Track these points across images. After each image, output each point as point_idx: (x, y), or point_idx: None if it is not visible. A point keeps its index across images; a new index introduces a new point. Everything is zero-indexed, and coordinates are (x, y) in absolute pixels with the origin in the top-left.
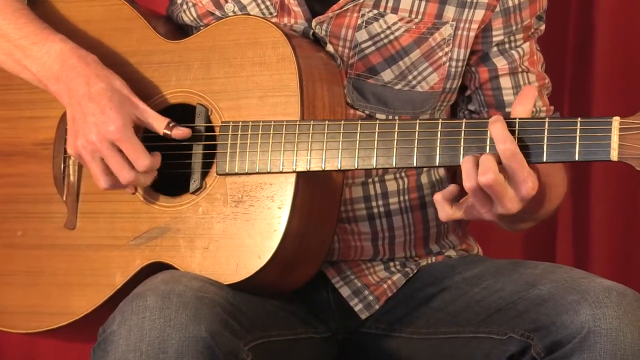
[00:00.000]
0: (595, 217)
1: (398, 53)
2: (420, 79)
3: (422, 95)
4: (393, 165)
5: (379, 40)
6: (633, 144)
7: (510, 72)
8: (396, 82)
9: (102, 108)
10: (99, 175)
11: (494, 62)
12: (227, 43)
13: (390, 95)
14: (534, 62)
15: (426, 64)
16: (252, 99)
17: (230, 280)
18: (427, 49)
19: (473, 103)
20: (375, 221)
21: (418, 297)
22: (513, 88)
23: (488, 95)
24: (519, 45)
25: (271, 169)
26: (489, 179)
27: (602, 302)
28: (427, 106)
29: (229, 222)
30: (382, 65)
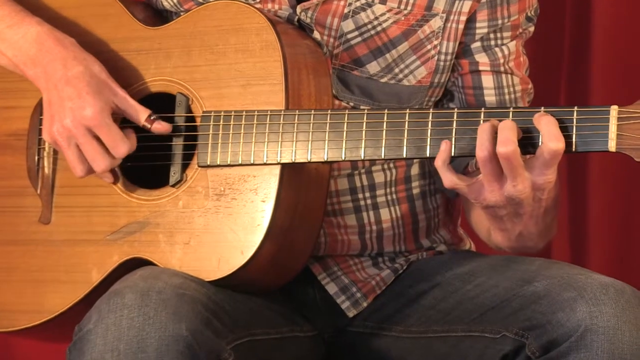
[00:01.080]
0: (593, 211)
1: (385, 45)
2: (407, 72)
3: (409, 89)
4: (382, 156)
5: (365, 31)
6: (632, 134)
7: (493, 70)
8: (382, 75)
9: (79, 92)
10: (74, 163)
11: (475, 58)
12: (209, 29)
13: (376, 88)
14: (519, 64)
15: (414, 57)
16: (234, 87)
17: (212, 277)
18: (415, 41)
19: (454, 101)
20: (362, 214)
21: (408, 294)
22: (495, 89)
23: (469, 94)
24: (504, 44)
25: (254, 160)
26: (509, 150)
27: (600, 299)
28: (414, 101)
29: (210, 216)
30: (368, 57)
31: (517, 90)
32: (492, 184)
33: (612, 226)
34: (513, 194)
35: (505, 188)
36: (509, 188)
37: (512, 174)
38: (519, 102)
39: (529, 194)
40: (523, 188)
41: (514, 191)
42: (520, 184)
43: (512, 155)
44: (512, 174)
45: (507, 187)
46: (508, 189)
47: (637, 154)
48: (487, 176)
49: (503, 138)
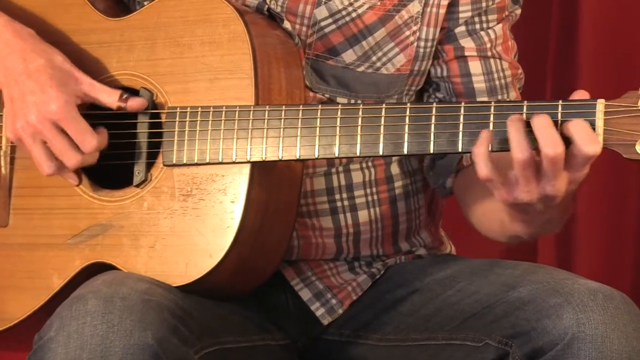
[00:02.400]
0: (580, 211)
1: (361, 32)
2: (385, 60)
3: (388, 78)
4: (357, 154)
5: (340, 18)
6: (620, 129)
7: (480, 55)
8: (359, 63)
9: (41, 86)
10: (41, 160)
11: (460, 43)
12: (174, 20)
13: (352, 78)
14: (507, 48)
15: (392, 44)
16: (201, 81)
17: (179, 282)
18: (393, 27)
19: (441, 90)
20: (339, 216)
21: (386, 301)
22: (484, 74)
23: (457, 83)
24: (490, 27)
25: (223, 159)
26: (559, 153)
27: (587, 305)
28: (393, 90)
29: (177, 217)
30: (344, 46)
31: (507, 76)
32: (530, 184)
33: (600, 227)
34: (551, 192)
35: (542, 187)
36: (548, 188)
37: (554, 174)
38: (510, 88)
39: (565, 189)
40: (561, 187)
41: (553, 190)
42: (559, 182)
43: (561, 157)
44: (553, 175)
45: (545, 186)
46: (546, 188)
47: (626, 149)
48: (525, 178)
49: (551, 140)
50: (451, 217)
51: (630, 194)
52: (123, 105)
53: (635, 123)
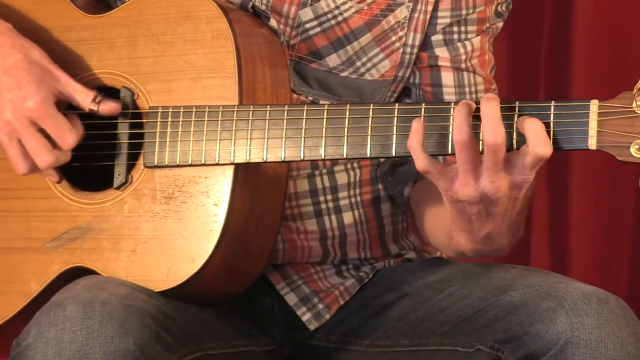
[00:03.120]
0: (574, 214)
1: (346, 36)
2: (369, 65)
3: (372, 84)
4: (344, 155)
5: (325, 20)
6: (614, 131)
7: (454, 67)
8: (342, 68)
9: (18, 82)
10: (16, 159)
11: (435, 52)
12: (155, 17)
13: (335, 82)
14: (484, 62)
15: (377, 49)
16: (183, 80)
17: (160, 287)
18: (379, 32)
19: (411, 97)
20: (324, 218)
21: (374, 305)
22: (455, 87)
23: (427, 92)
24: (468, 38)
25: (206, 160)
26: (499, 142)
27: (581, 309)
28: (377, 97)
29: (158, 221)
30: (328, 49)
31: (480, 90)
32: (468, 175)
33: (595, 230)
34: (489, 190)
35: (482, 183)
36: (486, 183)
37: (494, 168)
38: None
39: (506, 192)
40: (501, 185)
41: (491, 187)
42: (500, 180)
43: (501, 146)
44: (493, 168)
45: (484, 182)
46: (485, 184)
47: (620, 152)
48: (464, 166)
49: (493, 126)
50: None
51: (625, 196)
52: (95, 109)
53: (629, 124)
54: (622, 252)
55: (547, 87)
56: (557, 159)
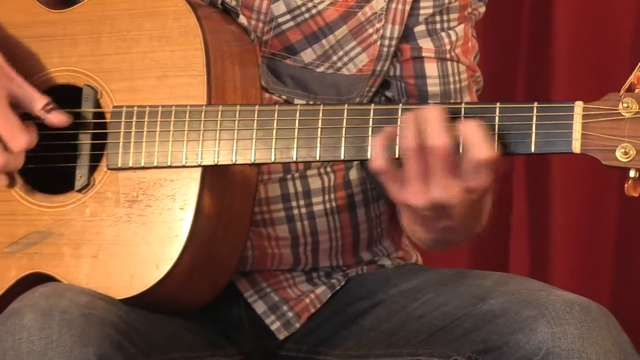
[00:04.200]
0: (555, 219)
1: (321, 30)
2: (346, 60)
3: (349, 79)
4: (317, 158)
5: (299, 14)
6: (599, 134)
7: (438, 57)
8: (318, 63)
9: None
10: None
11: (418, 43)
12: (120, 13)
13: (311, 79)
14: (467, 50)
15: (354, 42)
16: (149, 79)
17: (123, 295)
18: (355, 25)
19: (391, 89)
20: (296, 224)
21: (347, 314)
22: (440, 78)
23: (410, 84)
24: (451, 27)
25: (172, 162)
26: (441, 144)
27: (563, 318)
28: (355, 92)
29: (121, 225)
30: (302, 44)
31: (463, 79)
32: (417, 183)
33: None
34: (441, 198)
35: (433, 191)
36: (436, 192)
37: (442, 174)
38: (464, 92)
39: (460, 198)
40: (453, 192)
41: (443, 195)
42: (450, 187)
43: (445, 151)
44: (442, 175)
45: (434, 190)
46: (435, 193)
47: (605, 155)
48: (412, 173)
49: (433, 130)
50: None
51: (608, 200)
52: (43, 117)
53: (615, 127)
54: (605, 259)
55: (526, 85)
56: (538, 161)
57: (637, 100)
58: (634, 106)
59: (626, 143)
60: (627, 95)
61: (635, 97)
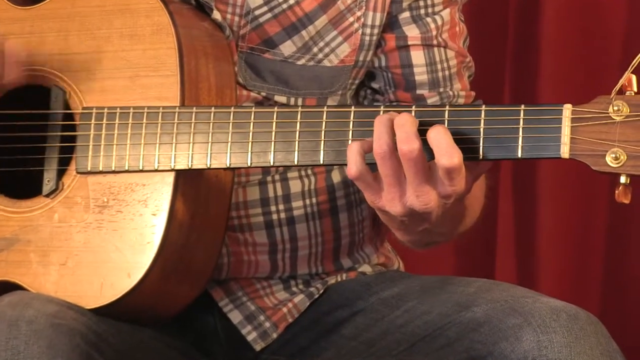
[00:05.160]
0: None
1: (300, 21)
2: (327, 51)
3: (331, 70)
4: (295, 162)
5: (276, 5)
6: (588, 138)
7: (424, 44)
8: (299, 56)
9: None
10: None
11: (403, 31)
12: (90, 10)
13: (292, 72)
14: (455, 34)
15: (335, 32)
16: (120, 79)
17: (93, 304)
18: (335, 13)
19: (377, 80)
20: (275, 230)
21: (326, 323)
22: (427, 65)
23: (396, 74)
24: (437, 12)
25: (144, 166)
26: (413, 149)
27: (549, 326)
28: (337, 85)
29: (91, 232)
30: (281, 36)
31: (452, 66)
32: (392, 189)
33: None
34: (417, 206)
35: (407, 198)
36: (412, 199)
37: (415, 180)
38: (454, 79)
39: (436, 205)
40: (428, 200)
41: (418, 202)
42: (425, 194)
43: (417, 156)
44: (415, 181)
45: (409, 197)
46: (410, 199)
47: (594, 160)
48: (386, 178)
49: (404, 134)
50: None
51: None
52: None
53: (605, 131)
54: (594, 265)
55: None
56: (525, 166)
57: (629, 103)
58: (624, 109)
59: (617, 148)
60: (618, 98)
61: (626, 100)
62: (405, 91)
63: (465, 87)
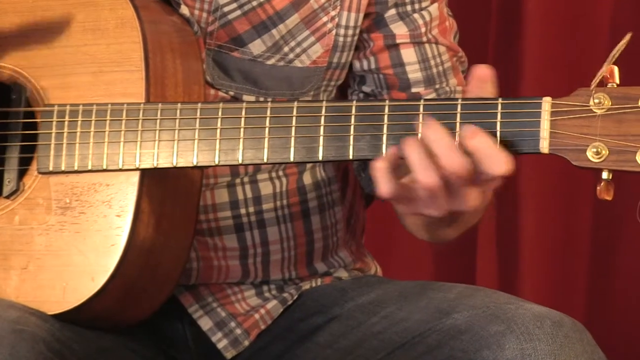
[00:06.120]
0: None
1: (270, 19)
2: (299, 51)
3: (302, 71)
4: (264, 160)
5: (246, 2)
6: (568, 132)
7: (414, 41)
8: (268, 55)
9: None
10: None
11: (391, 29)
12: (52, 3)
13: (261, 72)
14: (445, 30)
15: (307, 32)
16: (83, 75)
17: (56, 309)
18: (307, 12)
19: (368, 83)
20: (245, 233)
21: (300, 330)
22: (420, 62)
23: (389, 75)
24: (424, 8)
25: (108, 165)
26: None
27: (533, 333)
28: (309, 86)
29: (53, 234)
30: (251, 35)
31: (445, 61)
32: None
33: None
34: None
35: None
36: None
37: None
38: (449, 75)
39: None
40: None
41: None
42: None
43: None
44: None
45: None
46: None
47: (575, 155)
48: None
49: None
50: (376, 234)
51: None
52: None
53: (586, 125)
54: (579, 268)
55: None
56: None
57: (610, 95)
58: (606, 102)
59: (598, 142)
60: (599, 90)
61: (607, 92)
62: (400, 91)
63: (461, 82)
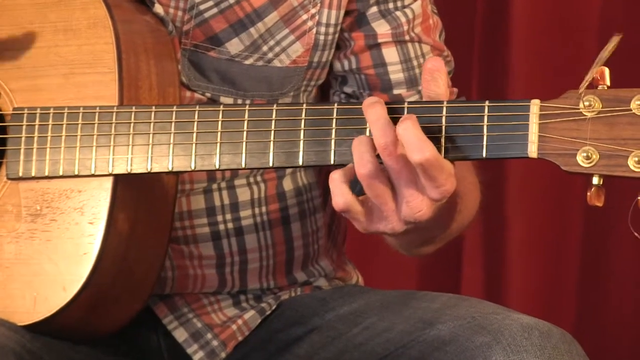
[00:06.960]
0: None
1: (249, 17)
2: (278, 50)
3: (282, 71)
4: (242, 165)
5: (222, 0)
6: (557, 136)
7: (396, 40)
8: (247, 55)
9: None
10: None
11: (372, 28)
12: (22, 3)
13: (239, 72)
14: (428, 28)
15: (286, 30)
16: (54, 77)
17: (26, 320)
18: (287, 10)
19: (350, 84)
20: (222, 241)
21: (279, 341)
22: (402, 63)
23: (370, 75)
24: (406, 5)
25: (80, 171)
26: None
27: (520, 345)
28: (289, 86)
29: (23, 242)
30: (228, 33)
31: None
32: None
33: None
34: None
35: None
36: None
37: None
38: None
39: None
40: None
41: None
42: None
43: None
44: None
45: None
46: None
47: (565, 160)
48: (377, 198)
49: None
50: (357, 242)
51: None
52: None
53: (576, 129)
54: (568, 278)
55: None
56: (491, 167)
57: (600, 98)
58: (596, 105)
59: (588, 146)
60: (589, 92)
61: (598, 95)
62: (382, 92)
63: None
